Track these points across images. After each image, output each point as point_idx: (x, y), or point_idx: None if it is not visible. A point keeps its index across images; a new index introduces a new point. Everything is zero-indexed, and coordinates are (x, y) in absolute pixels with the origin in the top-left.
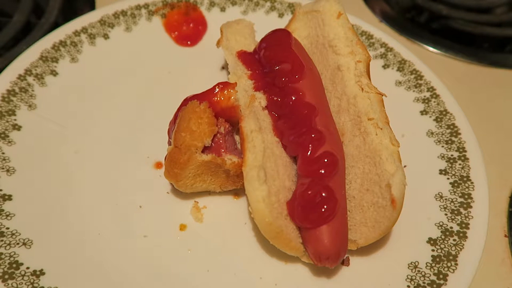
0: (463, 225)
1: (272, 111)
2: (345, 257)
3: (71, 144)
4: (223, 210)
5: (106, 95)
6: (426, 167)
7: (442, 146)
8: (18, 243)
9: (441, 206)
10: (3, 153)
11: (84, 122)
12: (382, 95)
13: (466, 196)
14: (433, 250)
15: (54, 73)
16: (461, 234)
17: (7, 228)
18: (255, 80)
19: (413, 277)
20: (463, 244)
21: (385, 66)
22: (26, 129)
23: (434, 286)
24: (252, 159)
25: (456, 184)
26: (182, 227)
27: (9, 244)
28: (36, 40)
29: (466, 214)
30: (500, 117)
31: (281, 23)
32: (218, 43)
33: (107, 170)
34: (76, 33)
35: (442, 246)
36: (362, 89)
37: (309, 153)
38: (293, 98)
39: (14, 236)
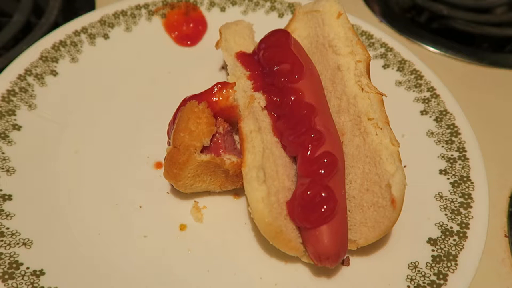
0: (463, 225)
1: (272, 111)
2: (345, 257)
3: (71, 144)
4: (223, 210)
5: (106, 95)
6: (426, 167)
7: (442, 146)
8: (18, 243)
9: (441, 206)
10: (3, 153)
11: (84, 122)
12: (382, 95)
13: (466, 196)
14: (433, 250)
15: (54, 73)
16: (461, 234)
17: (7, 228)
18: (254, 81)
19: (413, 277)
20: (463, 244)
21: (385, 66)
22: (26, 129)
23: (434, 286)
24: (251, 159)
25: (456, 184)
26: (182, 227)
27: (9, 244)
28: (36, 40)
29: (466, 214)
30: (500, 117)
31: (281, 23)
32: (217, 45)
33: (107, 170)
34: (76, 33)
35: (442, 246)
36: (362, 89)
37: (308, 153)
38: (293, 98)
39: (14, 236)
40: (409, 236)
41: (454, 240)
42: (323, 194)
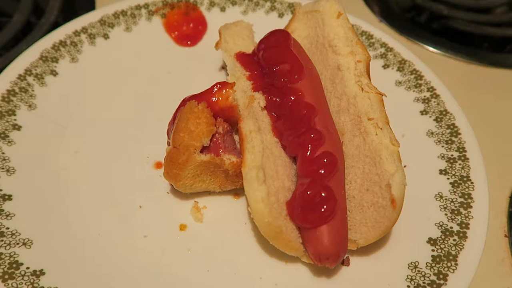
0: (463, 225)
1: (271, 112)
2: (345, 257)
3: (71, 144)
4: (223, 210)
5: (106, 95)
6: (426, 167)
7: (442, 146)
8: (18, 243)
9: (441, 206)
10: (3, 153)
11: (84, 122)
12: (382, 95)
13: (466, 196)
14: (433, 250)
15: (54, 73)
16: (461, 234)
17: (7, 228)
18: (253, 81)
19: (413, 277)
20: (463, 244)
21: (385, 66)
22: (26, 129)
23: (434, 286)
24: (251, 159)
25: (456, 184)
26: (182, 227)
27: (9, 244)
28: (36, 40)
29: (466, 214)
30: (500, 117)
31: (281, 23)
32: (217, 46)
33: (107, 170)
34: (76, 33)
35: (442, 246)
36: (362, 89)
37: (308, 153)
38: (292, 99)
39: (14, 236)
40: (409, 236)
41: (454, 240)
42: (323, 194)
